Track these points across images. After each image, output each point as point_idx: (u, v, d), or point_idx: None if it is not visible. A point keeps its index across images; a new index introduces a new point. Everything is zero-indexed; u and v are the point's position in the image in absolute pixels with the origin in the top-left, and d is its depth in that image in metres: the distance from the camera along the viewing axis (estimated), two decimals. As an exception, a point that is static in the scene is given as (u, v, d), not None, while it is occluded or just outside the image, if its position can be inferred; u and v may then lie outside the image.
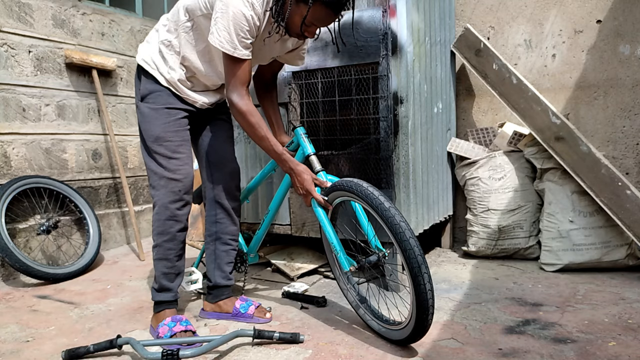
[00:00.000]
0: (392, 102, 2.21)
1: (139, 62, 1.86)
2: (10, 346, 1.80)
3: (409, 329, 1.59)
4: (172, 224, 1.82)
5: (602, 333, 1.73)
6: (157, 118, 1.80)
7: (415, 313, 1.53)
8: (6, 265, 2.64)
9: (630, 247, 2.44)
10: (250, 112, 1.69)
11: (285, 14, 1.62)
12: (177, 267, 1.89)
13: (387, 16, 2.18)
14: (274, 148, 1.75)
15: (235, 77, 1.67)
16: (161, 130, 1.80)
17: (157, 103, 1.81)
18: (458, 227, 3.21)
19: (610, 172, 2.37)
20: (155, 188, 1.82)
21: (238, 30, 1.59)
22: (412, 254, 1.50)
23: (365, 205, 1.64)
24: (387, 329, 1.71)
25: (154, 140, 1.80)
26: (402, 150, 2.29)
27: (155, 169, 1.81)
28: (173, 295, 1.89)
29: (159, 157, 1.80)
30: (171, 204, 1.80)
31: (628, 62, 2.75)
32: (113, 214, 3.42)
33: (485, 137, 2.99)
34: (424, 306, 1.50)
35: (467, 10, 3.13)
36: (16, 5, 2.82)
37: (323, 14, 1.61)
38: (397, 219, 1.54)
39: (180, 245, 1.88)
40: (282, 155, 1.77)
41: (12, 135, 2.80)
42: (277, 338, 1.69)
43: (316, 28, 1.69)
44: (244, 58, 1.65)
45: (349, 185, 1.68)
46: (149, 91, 1.82)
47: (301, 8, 1.60)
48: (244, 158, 2.65)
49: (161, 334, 1.76)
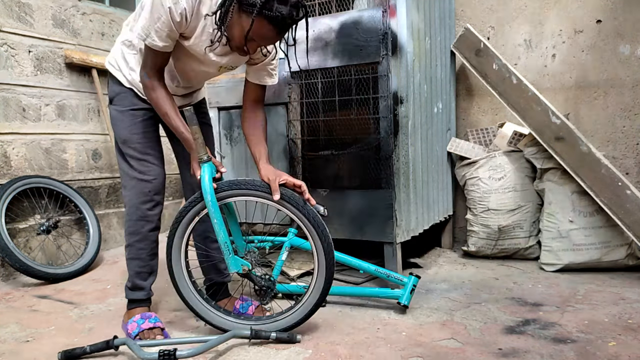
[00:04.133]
0: (392, 102, 2.21)
1: (106, 65, 1.88)
2: (10, 346, 1.80)
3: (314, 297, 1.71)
4: (143, 224, 1.83)
5: (602, 333, 1.73)
6: (123, 120, 1.82)
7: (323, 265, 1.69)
8: (6, 265, 2.64)
9: (630, 247, 2.44)
10: (153, 88, 1.66)
11: (226, 24, 1.53)
12: (150, 266, 1.91)
13: (387, 16, 2.18)
14: (172, 123, 1.68)
15: (147, 60, 1.65)
16: (128, 133, 1.81)
17: (123, 105, 1.82)
18: (458, 227, 3.21)
19: (610, 172, 2.37)
20: (126, 188, 1.84)
21: (155, 19, 1.55)
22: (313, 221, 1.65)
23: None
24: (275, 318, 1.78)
25: (122, 142, 1.82)
26: (402, 150, 2.29)
27: (126, 169, 1.83)
28: (145, 293, 1.91)
29: (129, 158, 1.82)
30: (142, 204, 1.82)
31: (628, 62, 2.75)
32: (113, 214, 3.42)
33: (485, 137, 2.99)
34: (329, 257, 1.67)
35: (467, 10, 3.13)
36: (16, 5, 2.82)
37: (265, 30, 1.48)
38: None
39: (153, 245, 1.89)
40: (183, 134, 1.68)
41: (12, 135, 2.80)
42: (274, 338, 1.68)
43: (258, 46, 1.58)
44: (156, 49, 1.60)
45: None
46: (116, 93, 1.84)
47: (243, 20, 1.49)
48: (244, 158, 2.65)
49: (130, 331, 1.79)
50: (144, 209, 1.82)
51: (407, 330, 1.81)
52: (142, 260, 1.87)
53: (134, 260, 1.88)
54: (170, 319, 2.03)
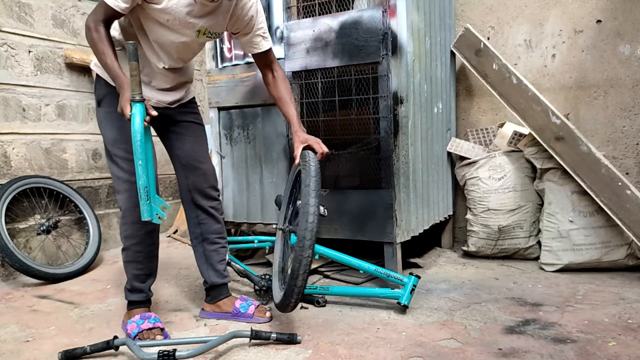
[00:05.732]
0: (392, 102, 2.21)
1: (92, 67, 1.86)
2: (10, 346, 1.80)
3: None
4: (139, 227, 1.81)
5: (602, 333, 1.73)
6: (112, 121, 1.79)
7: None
8: (6, 265, 2.64)
9: (630, 247, 2.44)
10: (97, 30, 1.62)
11: None
12: (148, 268, 1.90)
13: (387, 16, 2.18)
14: (107, 61, 1.62)
15: (99, 12, 1.62)
16: (117, 133, 1.79)
17: (111, 105, 1.77)
18: (458, 227, 3.21)
19: (610, 172, 2.37)
20: (120, 192, 1.82)
21: None
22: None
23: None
24: None
25: (112, 144, 1.80)
26: (402, 150, 2.29)
27: (117, 172, 1.81)
28: (144, 295, 1.91)
29: (119, 160, 1.80)
30: (137, 207, 1.76)
31: (628, 62, 2.75)
32: (113, 214, 3.42)
33: (485, 137, 2.99)
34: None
35: (467, 10, 3.13)
36: (16, 5, 2.82)
37: None
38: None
39: (151, 247, 1.88)
40: (116, 71, 1.62)
41: (12, 135, 2.80)
42: (274, 339, 1.68)
43: None
44: (116, 8, 1.59)
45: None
46: (104, 94, 1.82)
47: None
48: (244, 158, 2.65)
49: (129, 331, 1.79)
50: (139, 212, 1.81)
51: (407, 330, 1.81)
52: (139, 263, 1.87)
53: (131, 263, 1.87)
54: (170, 319, 2.03)
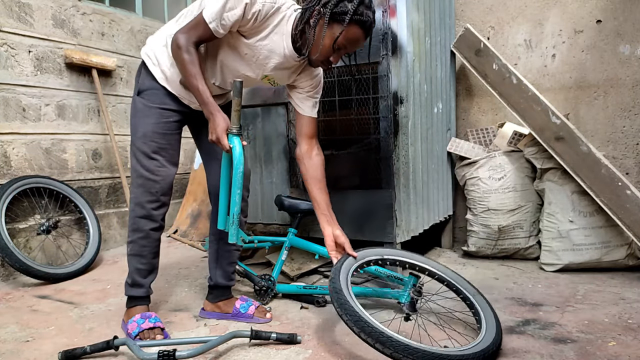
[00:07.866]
0: (392, 102, 2.21)
1: (142, 55, 1.84)
2: (10, 346, 1.80)
3: None
4: (147, 223, 1.83)
5: (602, 333, 1.73)
6: (148, 116, 1.79)
7: None
8: (6, 265, 2.64)
9: (630, 247, 2.44)
10: (188, 51, 1.61)
11: (313, 36, 1.59)
12: (151, 264, 1.90)
13: (387, 16, 2.18)
14: (199, 86, 1.63)
15: (194, 32, 1.61)
16: (149, 129, 1.78)
17: (152, 101, 1.79)
18: (458, 227, 3.21)
19: (610, 172, 2.37)
20: (134, 185, 1.83)
21: (227, 8, 1.56)
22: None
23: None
24: None
25: (140, 136, 1.80)
26: (402, 150, 2.29)
27: (135, 166, 1.82)
28: (145, 291, 1.91)
29: (140, 154, 1.80)
30: (147, 203, 1.81)
31: (628, 62, 2.75)
32: (113, 214, 3.42)
33: (485, 137, 2.99)
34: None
35: (467, 10, 3.13)
36: (16, 5, 2.82)
37: (356, 35, 1.59)
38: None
39: (155, 244, 1.89)
40: (207, 98, 1.64)
41: (12, 135, 2.80)
42: (274, 339, 1.68)
43: (344, 53, 1.65)
44: (215, 34, 1.61)
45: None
46: (147, 87, 1.81)
47: (334, 29, 1.57)
48: (244, 158, 2.65)
49: (130, 331, 1.79)
50: (149, 208, 1.81)
51: (407, 329, 1.81)
52: (143, 257, 1.87)
53: (135, 256, 1.87)
54: (170, 319, 2.03)
